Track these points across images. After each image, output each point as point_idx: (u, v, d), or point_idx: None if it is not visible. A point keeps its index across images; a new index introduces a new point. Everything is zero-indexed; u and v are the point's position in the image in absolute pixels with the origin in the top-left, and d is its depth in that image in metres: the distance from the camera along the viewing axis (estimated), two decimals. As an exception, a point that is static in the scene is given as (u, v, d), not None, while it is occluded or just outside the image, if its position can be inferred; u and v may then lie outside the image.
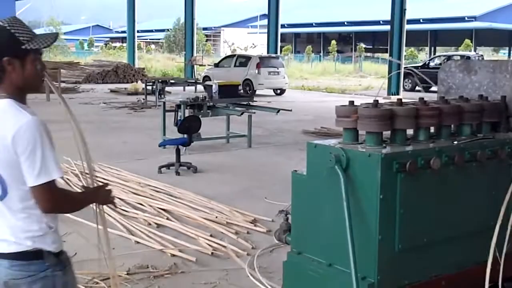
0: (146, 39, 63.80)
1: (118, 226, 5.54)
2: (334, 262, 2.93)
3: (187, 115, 9.75)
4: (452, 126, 3.34)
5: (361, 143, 2.96)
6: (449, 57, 26.42)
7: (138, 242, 5.23)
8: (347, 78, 36.36)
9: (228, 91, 10.87)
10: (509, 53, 47.60)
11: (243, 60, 23.91)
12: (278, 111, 10.99)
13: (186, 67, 29.69)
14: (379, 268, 2.76)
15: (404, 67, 24.79)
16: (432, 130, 3.27)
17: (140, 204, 6.34)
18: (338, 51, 48.17)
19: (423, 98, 3.19)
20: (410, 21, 26.68)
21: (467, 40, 42.23)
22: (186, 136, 8.58)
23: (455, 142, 3.11)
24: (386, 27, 27.13)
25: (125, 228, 5.56)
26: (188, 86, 21.48)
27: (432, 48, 48.93)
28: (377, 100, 3.00)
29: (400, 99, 3.13)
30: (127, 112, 16.12)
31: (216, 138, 10.98)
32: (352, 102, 3.05)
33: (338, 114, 3.02)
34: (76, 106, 15.84)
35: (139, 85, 22.17)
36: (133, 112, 16.07)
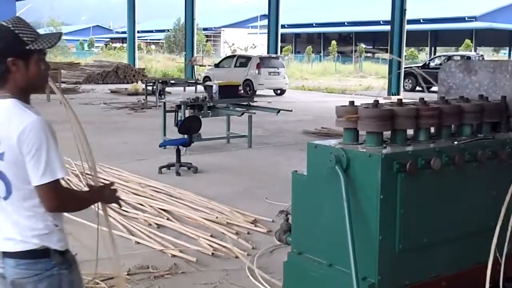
0: (146, 39, 63.83)
1: (118, 227, 5.54)
2: (334, 263, 2.93)
3: (187, 115, 9.75)
4: (453, 126, 3.34)
5: (361, 143, 2.96)
6: (449, 57, 26.42)
7: (138, 243, 5.23)
8: (347, 78, 36.36)
9: (228, 91, 10.87)
10: (509, 53, 47.57)
11: (243, 61, 23.91)
12: (279, 112, 11.00)
13: (186, 67, 29.68)
14: (379, 268, 2.76)
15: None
16: (433, 130, 3.27)
17: (140, 204, 6.34)
18: (339, 52, 48.17)
19: (423, 98, 3.19)
20: (410, 21, 26.68)
21: (467, 40, 42.22)
22: (186, 136, 8.59)
23: (455, 142, 3.11)
24: (386, 27, 27.11)
25: (125, 228, 5.57)
26: (188, 86, 21.47)
27: (432, 48, 48.93)
28: (377, 100, 3.00)
29: (400, 99, 3.14)
30: (127, 112, 16.12)
31: (216, 138, 10.98)
32: (352, 102, 3.06)
33: (338, 114, 3.02)
34: (77, 106, 15.83)
35: (140, 85, 22.17)
36: (133, 113, 16.07)
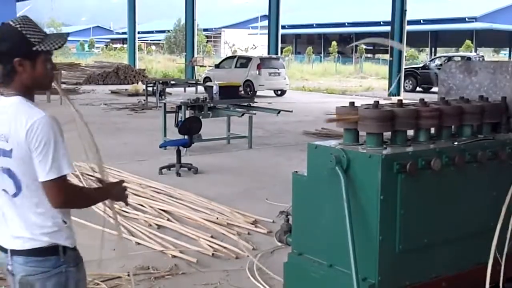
0: (146, 40, 63.86)
1: (116, 227, 5.53)
2: (334, 263, 2.93)
3: (187, 116, 9.75)
4: (453, 127, 3.34)
5: (361, 144, 2.96)
6: (449, 58, 26.42)
7: (138, 243, 5.23)
8: (347, 79, 36.37)
9: (228, 92, 10.87)
10: (509, 53, 47.58)
11: (244, 61, 23.91)
12: (279, 112, 10.99)
13: (187, 68, 29.69)
14: (379, 269, 2.76)
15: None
16: (433, 131, 3.27)
17: (140, 205, 6.34)
18: (339, 52, 48.18)
19: (423, 99, 3.20)
20: (411, 22, 26.69)
21: (468, 41, 42.20)
22: (186, 137, 8.59)
23: (455, 143, 3.11)
24: (386, 28, 27.11)
25: (125, 229, 5.56)
26: (188, 87, 21.47)
27: (433, 49, 48.93)
28: (377, 101, 3.00)
29: (400, 100, 3.14)
30: (127, 113, 16.12)
31: (216, 139, 10.98)
32: (352, 103, 3.06)
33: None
34: (77, 107, 15.80)
35: (140, 86, 22.17)
36: (133, 113, 16.07)
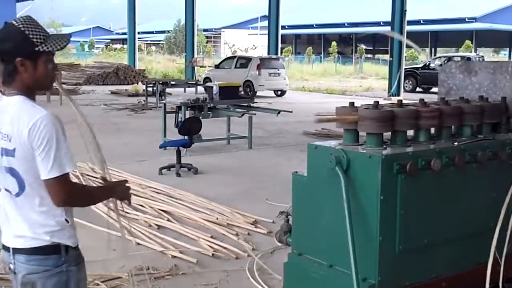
0: (146, 40, 63.86)
1: (118, 228, 5.54)
2: (334, 263, 2.93)
3: (187, 116, 9.75)
4: (453, 127, 3.34)
5: (361, 144, 2.96)
6: (449, 58, 26.44)
7: (139, 244, 5.23)
8: (347, 79, 36.37)
9: (228, 92, 10.87)
10: (509, 54, 47.59)
11: (244, 62, 23.91)
12: (279, 113, 10.99)
13: (187, 68, 29.69)
14: (379, 269, 2.76)
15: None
16: (433, 131, 3.27)
17: (140, 205, 6.34)
18: (339, 52, 48.19)
19: (423, 99, 3.20)
20: (411, 22, 26.70)
21: (468, 41, 42.23)
22: (186, 137, 8.59)
23: (455, 143, 3.11)
24: (386, 28, 27.12)
25: (125, 229, 5.56)
26: (188, 87, 21.45)
27: (433, 49, 48.94)
28: (377, 102, 3.00)
29: (400, 100, 3.14)
30: (127, 113, 16.12)
31: (216, 139, 10.98)
32: (352, 103, 3.06)
33: (339, 115, 3.03)
34: (79, 107, 15.82)
35: (140, 86, 22.17)
36: (133, 114, 16.07)
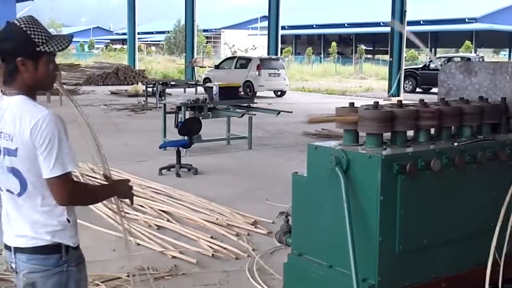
0: (146, 41, 63.87)
1: (118, 228, 5.54)
2: (334, 264, 2.93)
3: (187, 117, 9.75)
4: (453, 128, 3.34)
5: (361, 145, 2.96)
6: (449, 58, 26.44)
7: (138, 244, 5.23)
8: (347, 80, 36.38)
9: (228, 93, 10.87)
10: (509, 54, 47.60)
11: (244, 62, 23.92)
12: (279, 113, 10.99)
13: (187, 69, 29.71)
14: (379, 270, 2.76)
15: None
16: (433, 131, 3.27)
17: (140, 206, 6.34)
18: (339, 53, 48.19)
19: (423, 100, 3.19)
20: (411, 22, 26.72)
21: (468, 42, 42.23)
22: (186, 138, 8.59)
23: (455, 144, 3.11)
24: (386, 29, 27.15)
25: (127, 230, 5.56)
26: (188, 88, 21.46)
27: (433, 49, 48.95)
28: (377, 102, 3.00)
29: (400, 101, 3.14)
30: (127, 114, 16.13)
31: (216, 140, 10.99)
32: (352, 104, 3.06)
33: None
34: (80, 108, 15.83)
35: (140, 87, 22.19)
36: (133, 114, 16.07)
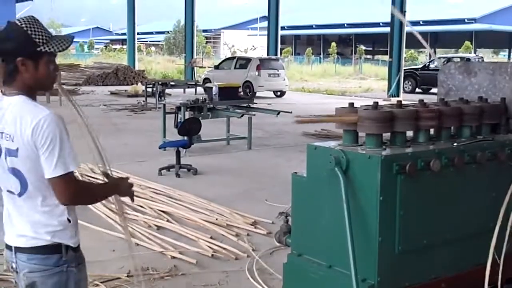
0: (146, 41, 63.85)
1: (118, 228, 5.54)
2: (334, 264, 2.93)
3: (187, 117, 9.76)
4: (452, 128, 3.34)
5: (361, 145, 2.96)
6: (449, 59, 26.44)
7: (138, 244, 5.23)
8: (347, 80, 36.40)
9: (228, 93, 10.88)
10: (509, 54, 47.63)
11: (243, 62, 23.93)
12: (278, 113, 10.99)
13: (186, 69, 29.71)
14: (379, 270, 2.76)
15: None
16: (432, 132, 3.27)
17: (140, 206, 6.34)
18: (338, 53, 48.20)
19: (422, 100, 3.20)
20: (410, 23, 26.67)
21: (467, 42, 42.25)
22: (186, 138, 8.59)
23: (455, 144, 3.11)
24: (386, 29, 27.15)
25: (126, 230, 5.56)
26: (188, 88, 21.47)
27: (432, 50, 48.96)
28: (377, 102, 3.01)
29: (400, 101, 3.14)
30: (127, 114, 16.13)
31: (216, 140, 10.99)
32: (352, 104, 3.06)
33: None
34: (80, 108, 15.83)
35: (139, 87, 22.20)
36: (133, 114, 16.07)
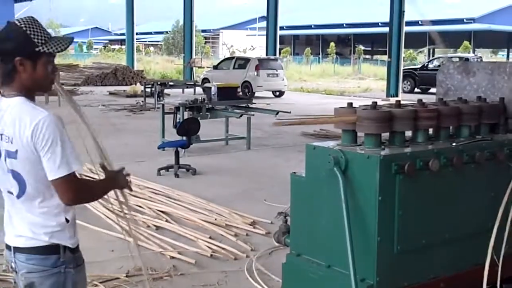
0: (145, 41, 63.83)
1: (116, 228, 5.54)
2: (333, 264, 2.93)
3: (186, 117, 9.76)
4: (451, 128, 3.34)
5: (360, 145, 2.96)
6: (448, 58, 26.44)
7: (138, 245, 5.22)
8: (346, 80, 36.40)
9: (227, 93, 10.88)
10: (507, 54, 47.69)
11: (242, 62, 23.93)
12: (277, 113, 10.99)
13: (185, 69, 29.67)
14: (378, 270, 2.76)
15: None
16: (431, 131, 3.27)
17: (139, 206, 6.34)
18: (337, 53, 48.20)
19: (421, 100, 3.20)
20: (409, 23, 26.70)
21: (466, 42, 42.28)
22: (185, 138, 8.59)
23: (453, 144, 3.11)
24: (385, 29, 27.15)
25: (123, 230, 5.55)
26: (187, 88, 21.45)
27: (431, 50, 48.96)
28: (375, 102, 3.01)
29: (398, 101, 3.14)
30: (126, 114, 16.13)
31: (215, 140, 10.99)
32: (351, 104, 3.06)
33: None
34: (79, 109, 15.83)
35: (138, 87, 22.18)
36: (132, 115, 16.07)
